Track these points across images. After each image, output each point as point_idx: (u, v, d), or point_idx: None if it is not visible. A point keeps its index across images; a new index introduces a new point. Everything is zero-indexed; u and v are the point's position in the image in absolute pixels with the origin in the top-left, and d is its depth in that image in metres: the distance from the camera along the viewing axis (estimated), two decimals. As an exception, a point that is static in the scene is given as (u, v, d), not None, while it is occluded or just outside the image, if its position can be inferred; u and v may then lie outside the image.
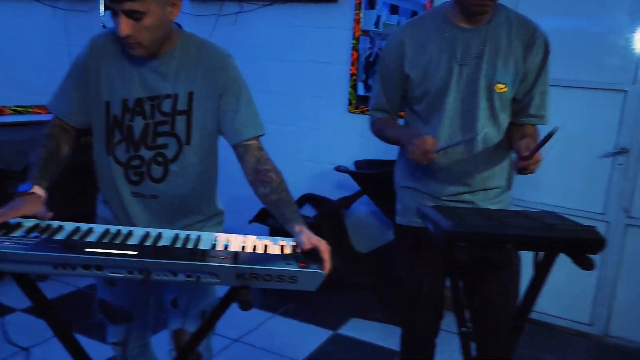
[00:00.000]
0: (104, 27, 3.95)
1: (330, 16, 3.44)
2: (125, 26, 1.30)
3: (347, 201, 3.30)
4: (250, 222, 3.20)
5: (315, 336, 2.83)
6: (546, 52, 1.63)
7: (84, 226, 1.32)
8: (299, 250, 1.27)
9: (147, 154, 1.47)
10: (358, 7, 3.30)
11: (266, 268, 1.17)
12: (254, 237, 1.36)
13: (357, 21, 3.33)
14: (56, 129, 1.52)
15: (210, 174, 1.58)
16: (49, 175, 1.40)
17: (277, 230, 3.15)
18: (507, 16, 1.62)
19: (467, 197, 1.70)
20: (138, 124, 1.46)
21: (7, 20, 4.76)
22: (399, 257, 1.86)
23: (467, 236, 1.16)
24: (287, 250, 1.29)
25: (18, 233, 1.24)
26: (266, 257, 1.24)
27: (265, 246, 1.32)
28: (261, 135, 1.51)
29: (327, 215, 3.19)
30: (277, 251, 1.29)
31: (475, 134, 1.58)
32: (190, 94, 1.45)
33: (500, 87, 1.61)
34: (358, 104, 3.42)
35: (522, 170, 1.47)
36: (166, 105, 1.45)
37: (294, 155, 3.62)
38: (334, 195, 3.40)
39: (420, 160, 1.55)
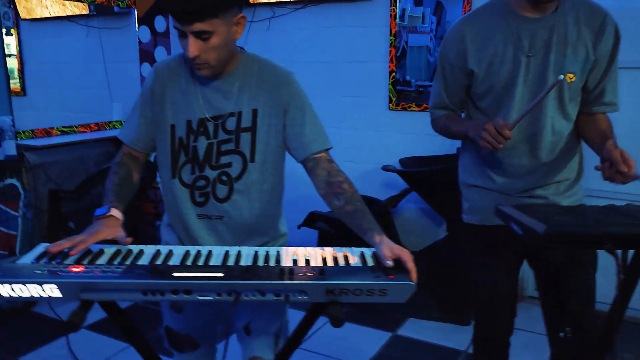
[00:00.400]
0: (140, 42, 3.99)
1: (365, 14, 3.39)
2: (194, 47, 1.30)
3: (395, 200, 3.26)
4: (300, 227, 3.19)
5: (375, 339, 2.81)
6: (617, 38, 1.56)
7: (164, 249, 1.31)
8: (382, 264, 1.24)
9: (211, 173, 1.46)
10: (394, 3, 3.25)
11: (356, 283, 1.14)
12: (331, 249, 1.34)
13: (394, 17, 3.28)
14: (126, 157, 1.53)
15: (275, 193, 1.55)
16: (123, 199, 1.42)
17: (327, 234, 3.14)
18: (573, 2, 1.55)
19: (539, 192, 1.65)
20: (202, 144, 1.46)
21: (45, 42, 4.86)
22: (468, 256, 1.81)
23: (565, 237, 1.11)
24: (369, 261, 1.27)
25: (102, 261, 1.24)
26: (352, 270, 1.21)
27: (346, 257, 1.30)
28: (329, 149, 1.49)
29: (378, 216, 3.15)
30: (359, 262, 1.27)
31: (554, 82, 1.44)
32: (255, 111, 1.45)
33: (570, 77, 1.55)
34: (398, 101, 3.38)
35: (612, 181, 1.38)
36: (230, 123, 1.45)
37: (334, 156, 3.59)
38: (377, 194, 3.36)
39: (496, 143, 1.46)
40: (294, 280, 1.14)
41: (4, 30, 3.40)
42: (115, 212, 1.35)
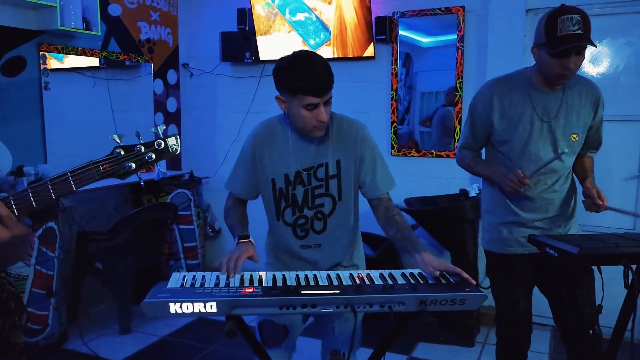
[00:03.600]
0: (155, 93, 4.29)
1: (368, 73, 3.84)
2: (327, 112, 1.69)
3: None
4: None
5: (393, 361, 3.11)
6: (603, 106, 2.06)
7: (278, 274, 1.62)
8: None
9: (309, 213, 1.84)
10: (394, 62, 3.72)
11: (444, 294, 1.49)
12: (412, 270, 1.69)
13: (395, 75, 3.74)
14: (236, 201, 1.92)
15: (356, 225, 1.95)
16: (246, 229, 1.80)
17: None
18: (577, 81, 2.02)
19: (538, 224, 2.05)
20: (299, 191, 1.83)
21: (54, 91, 5.06)
22: (492, 279, 2.19)
23: (594, 257, 1.50)
24: (439, 278, 1.61)
25: (235, 283, 1.54)
26: (434, 285, 1.56)
27: (420, 275, 1.64)
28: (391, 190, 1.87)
29: (385, 250, 3.51)
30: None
31: (559, 153, 1.94)
32: (339, 162, 1.82)
33: (574, 137, 2.00)
34: (400, 147, 3.80)
35: (591, 211, 1.96)
36: (320, 173, 1.82)
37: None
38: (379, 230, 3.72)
39: (517, 189, 1.95)
40: (395, 294, 1.48)
41: (43, 85, 3.64)
42: (250, 238, 1.73)
